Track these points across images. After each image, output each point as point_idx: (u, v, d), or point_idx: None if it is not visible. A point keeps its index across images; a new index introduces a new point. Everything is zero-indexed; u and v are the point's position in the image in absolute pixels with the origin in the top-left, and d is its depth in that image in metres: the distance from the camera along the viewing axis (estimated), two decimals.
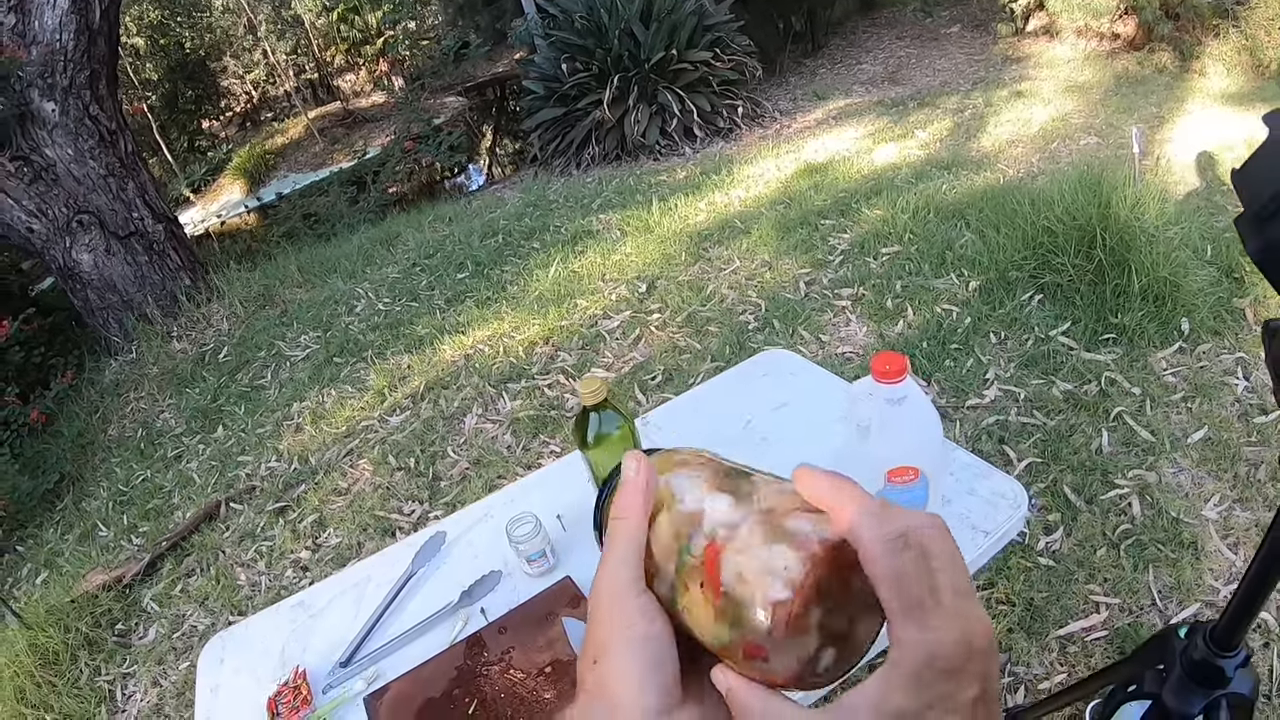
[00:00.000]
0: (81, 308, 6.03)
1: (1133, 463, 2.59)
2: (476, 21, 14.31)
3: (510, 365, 4.03)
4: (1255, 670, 0.81)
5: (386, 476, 3.45)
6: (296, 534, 3.29)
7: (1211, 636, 0.79)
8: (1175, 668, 0.80)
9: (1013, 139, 5.86)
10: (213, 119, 18.65)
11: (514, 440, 3.47)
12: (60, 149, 5.52)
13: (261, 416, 4.31)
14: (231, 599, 3.07)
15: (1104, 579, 2.24)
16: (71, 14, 5.34)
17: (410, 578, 1.49)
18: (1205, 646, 0.79)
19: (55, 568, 3.60)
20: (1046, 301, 3.46)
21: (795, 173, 5.88)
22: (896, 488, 1.10)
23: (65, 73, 5.42)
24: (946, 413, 2.99)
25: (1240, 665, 0.78)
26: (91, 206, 5.68)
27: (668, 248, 4.94)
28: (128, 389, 5.22)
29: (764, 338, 3.73)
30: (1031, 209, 3.71)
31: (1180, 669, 0.80)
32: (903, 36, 9.99)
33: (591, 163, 7.54)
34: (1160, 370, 2.97)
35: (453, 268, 5.53)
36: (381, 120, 15.05)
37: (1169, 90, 6.39)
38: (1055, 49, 7.99)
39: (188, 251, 6.37)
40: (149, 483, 4.08)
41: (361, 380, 4.32)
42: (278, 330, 5.29)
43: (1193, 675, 0.80)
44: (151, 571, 3.38)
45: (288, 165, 14.90)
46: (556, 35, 7.62)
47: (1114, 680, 0.93)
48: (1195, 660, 0.80)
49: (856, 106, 7.66)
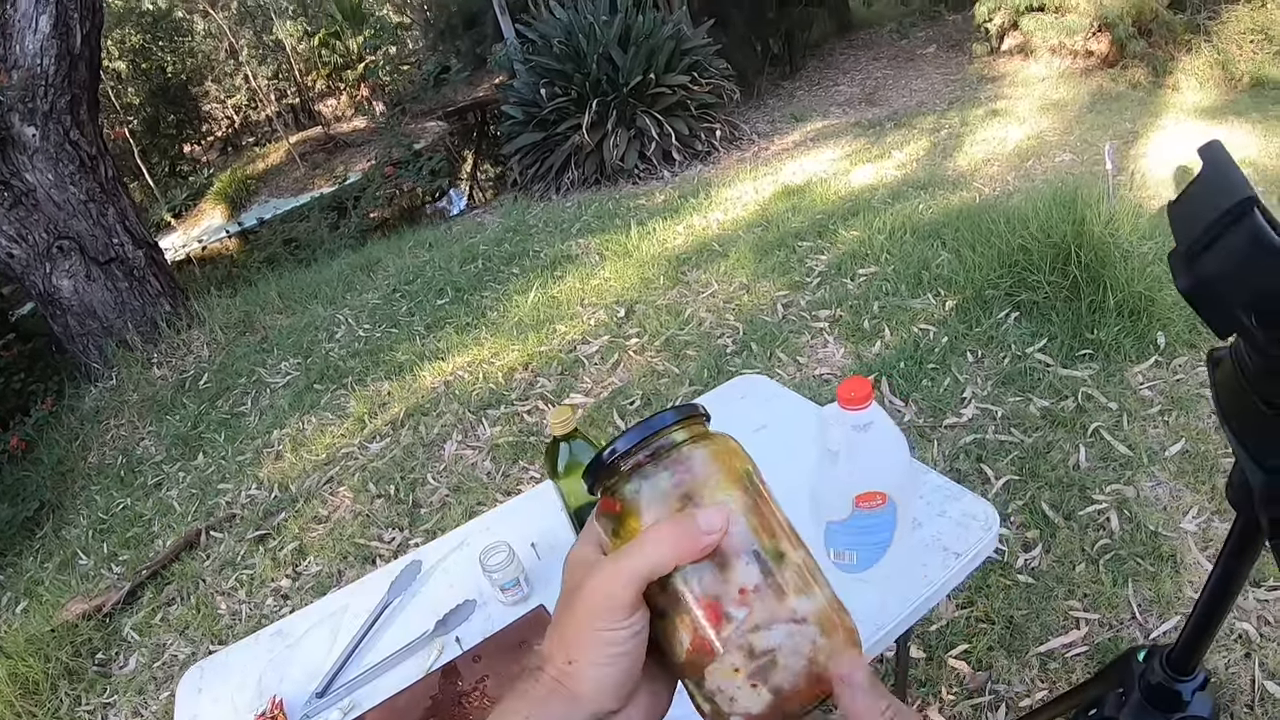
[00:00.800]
0: (61, 334, 5.99)
1: (1110, 477, 2.61)
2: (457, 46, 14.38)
3: (490, 391, 4.02)
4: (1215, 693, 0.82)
5: (367, 504, 3.44)
6: (277, 562, 3.27)
7: (1168, 660, 0.80)
8: (1134, 691, 0.81)
9: (988, 158, 5.92)
10: (194, 143, 18.61)
11: (494, 466, 3.47)
12: (41, 174, 5.50)
13: (242, 444, 4.29)
14: (212, 628, 3.04)
15: (1083, 594, 2.24)
16: (53, 39, 5.33)
17: (386, 607, 1.49)
18: (1162, 670, 0.80)
19: (35, 596, 3.56)
20: (1023, 319, 3.49)
21: (773, 195, 5.92)
22: (865, 513, 1.11)
23: (46, 97, 5.41)
24: (924, 432, 3.00)
25: (1198, 688, 0.79)
26: (72, 232, 5.65)
27: (646, 272, 4.96)
28: (108, 416, 5.18)
29: (742, 361, 3.75)
30: (1007, 227, 3.74)
31: (1138, 693, 0.81)
32: (879, 58, 10.10)
33: (571, 187, 7.57)
34: (1137, 384, 2.99)
35: (433, 294, 5.53)
36: (363, 145, 15.07)
37: (1143, 106, 6.48)
38: (1030, 67, 8.10)
39: (168, 277, 6.35)
40: (129, 510, 4.04)
41: (342, 407, 4.31)
42: (258, 357, 5.27)
43: (1150, 699, 0.80)
44: (132, 600, 3.35)
45: (269, 190, 14.88)
46: (535, 60, 7.67)
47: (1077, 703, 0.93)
48: (1152, 684, 0.80)
49: (834, 128, 7.73)
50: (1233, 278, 0.49)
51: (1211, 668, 1.95)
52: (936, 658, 2.13)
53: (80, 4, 5.47)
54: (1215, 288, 0.50)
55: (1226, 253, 0.49)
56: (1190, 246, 0.51)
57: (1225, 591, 0.72)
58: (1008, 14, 7.98)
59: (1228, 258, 0.49)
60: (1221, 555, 0.71)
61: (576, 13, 7.67)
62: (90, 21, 5.62)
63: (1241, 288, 0.49)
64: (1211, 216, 0.49)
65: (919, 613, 1.25)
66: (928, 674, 2.11)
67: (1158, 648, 0.82)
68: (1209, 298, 0.51)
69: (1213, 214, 0.49)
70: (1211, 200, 0.49)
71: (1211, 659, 1.97)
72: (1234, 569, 0.70)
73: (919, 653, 2.16)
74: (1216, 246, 0.49)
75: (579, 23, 7.49)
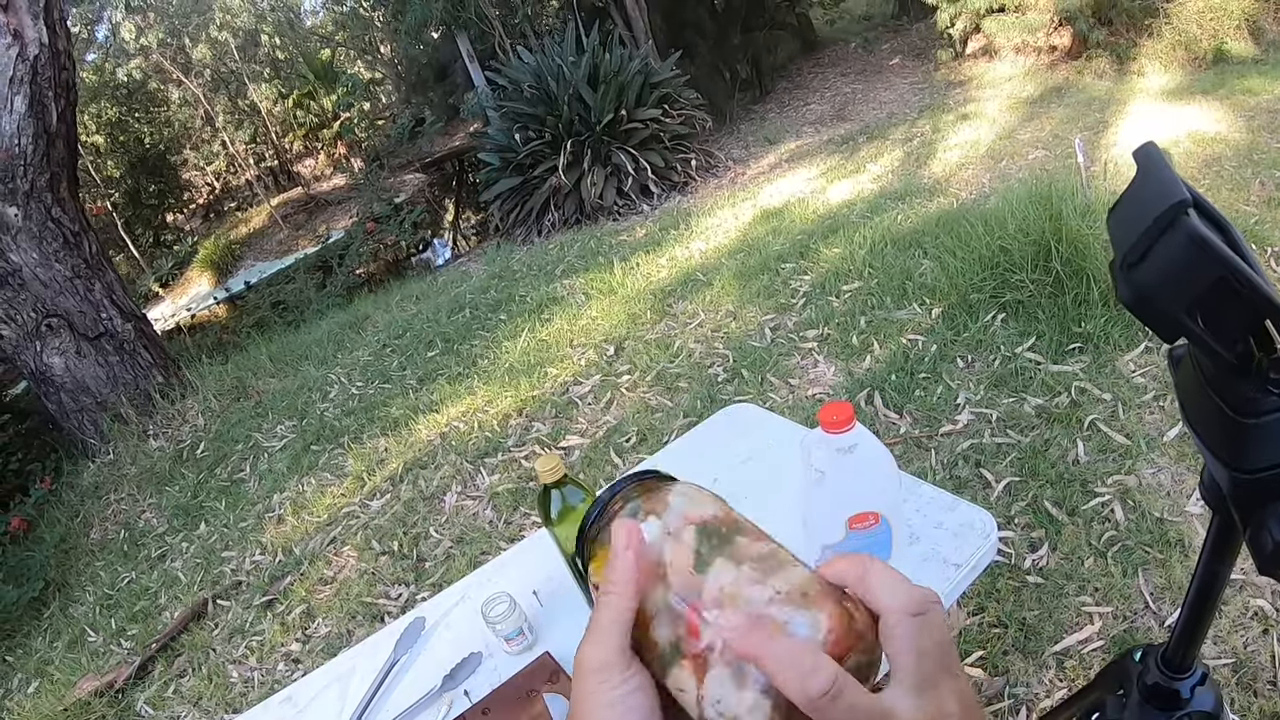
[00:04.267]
0: (56, 411, 5.98)
1: (1111, 468, 2.60)
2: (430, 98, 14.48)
3: (486, 440, 4.02)
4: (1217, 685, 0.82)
5: (371, 562, 3.43)
6: (286, 626, 3.25)
7: (1163, 659, 0.80)
8: (1133, 692, 0.81)
9: (962, 162, 5.96)
10: (176, 212, 18.72)
11: (495, 515, 3.46)
12: (25, 253, 5.51)
13: (243, 510, 4.28)
14: (225, 697, 3.02)
15: (1094, 589, 2.23)
16: (29, 118, 5.37)
17: (393, 666, 1.48)
18: (1158, 670, 0.80)
19: (46, 676, 3.53)
20: (1009, 319, 3.50)
21: (753, 219, 5.95)
22: (859, 534, 1.11)
23: (26, 177, 5.43)
24: (921, 442, 3.00)
25: (1197, 684, 0.79)
26: (60, 309, 5.66)
27: (633, 307, 4.98)
28: (107, 490, 5.17)
29: (734, 389, 3.75)
30: (985, 230, 3.76)
31: (1138, 693, 0.81)
32: (846, 73, 10.19)
33: (552, 229, 7.61)
34: (1129, 373, 2.99)
35: (422, 346, 5.54)
36: (343, 202, 15.14)
37: (1110, 94, 6.54)
38: (996, 68, 8.18)
39: (158, 348, 6.35)
40: (135, 584, 4.02)
41: (340, 466, 4.30)
42: (253, 422, 5.27)
43: (1150, 699, 0.80)
44: (143, 674, 3.32)
45: (253, 254, 14.94)
46: (507, 106, 7.73)
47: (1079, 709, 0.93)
48: (1149, 685, 0.80)
49: (808, 147, 7.79)
50: (1173, 283, 0.50)
51: (1230, 647, 1.95)
52: None
53: (54, 82, 5.50)
54: (1156, 295, 0.51)
55: (1165, 259, 0.49)
56: (1126, 256, 0.51)
57: (1211, 588, 0.72)
58: (969, 18, 8.06)
59: (1167, 264, 0.49)
60: (1203, 553, 0.71)
61: (544, 55, 7.75)
62: (65, 98, 5.66)
63: (1183, 292, 0.50)
64: (1146, 223, 0.49)
65: None
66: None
67: (1152, 647, 0.82)
68: (1152, 306, 0.51)
69: (1147, 220, 0.49)
70: (1146, 206, 0.50)
71: (1230, 638, 1.97)
72: (1216, 566, 0.70)
73: None
74: (1153, 253, 0.50)
75: (547, 65, 7.57)
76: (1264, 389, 0.51)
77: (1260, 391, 0.52)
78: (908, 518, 1.36)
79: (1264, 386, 0.51)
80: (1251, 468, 0.55)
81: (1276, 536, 0.53)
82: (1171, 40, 6.80)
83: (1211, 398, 0.56)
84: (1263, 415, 0.53)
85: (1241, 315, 0.50)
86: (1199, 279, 0.48)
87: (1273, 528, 0.53)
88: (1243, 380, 0.53)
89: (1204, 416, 0.58)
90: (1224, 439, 0.56)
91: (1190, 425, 0.60)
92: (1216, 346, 0.51)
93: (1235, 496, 0.57)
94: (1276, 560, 0.54)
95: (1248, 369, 0.52)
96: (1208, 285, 0.48)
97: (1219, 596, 0.72)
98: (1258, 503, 0.55)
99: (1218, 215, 0.52)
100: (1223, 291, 0.48)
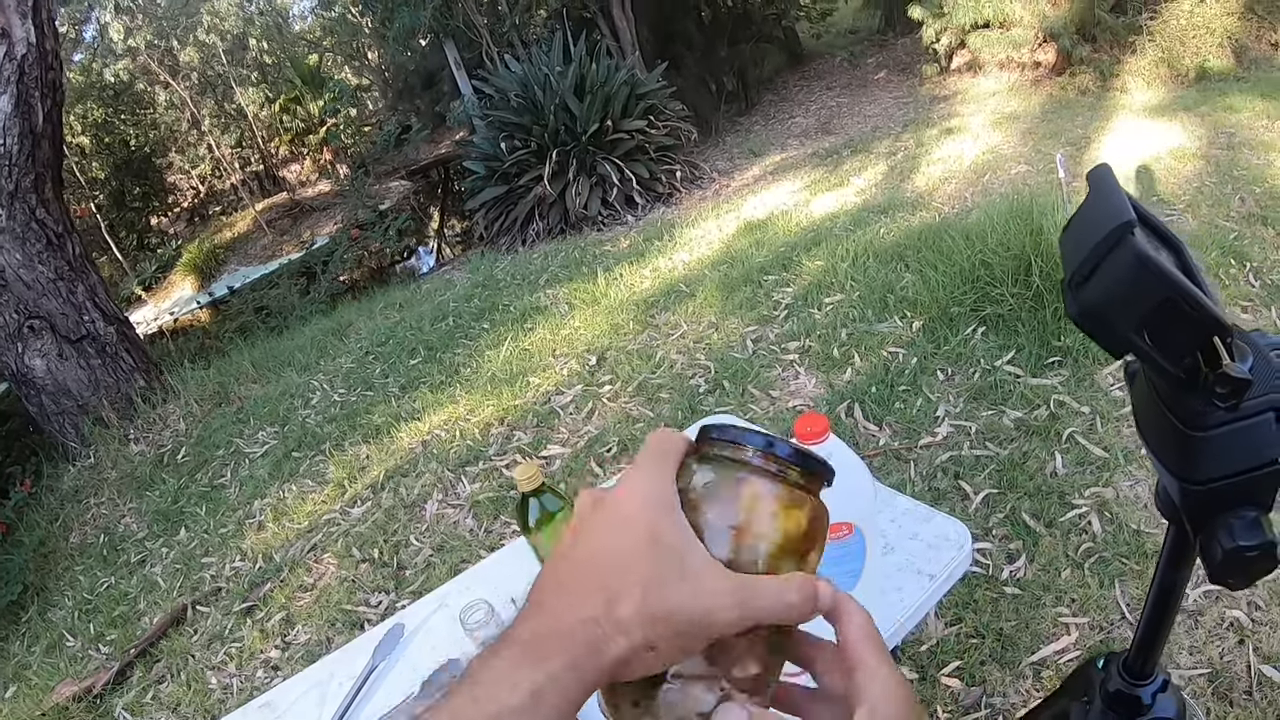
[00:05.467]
0: (36, 414, 5.94)
1: (1089, 481, 2.62)
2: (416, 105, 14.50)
3: (468, 448, 4.02)
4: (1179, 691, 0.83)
5: (352, 569, 3.42)
6: (265, 633, 3.24)
7: (1124, 666, 0.82)
8: (1096, 699, 0.83)
9: (945, 176, 6.01)
10: (161, 215, 18.62)
11: (476, 523, 3.46)
12: (8, 254, 5.47)
13: (223, 516, 4.26)
14: (204, 703, 3.00)
15: (1071, 599, 2.25)
16: (14, 118, 5.33)
17: (371, 672, 1.49)
18: (1120, 677, 0.81)
19: (24, 680, 3.51)
20: (989, 333, 3.53)
21: (736, 231, 5.98)
22: (833, 545, 1.12)
23: (10, 177, 5.40)
24: (900, 454, 3.02)
25: (1159, 690, 0.80)
26: (42, 311, 5.63)
27: (615, 318, 4.99)
28: (88, 495, 5.14)
29: (715, 400, 3.76)
30: (967, 244, 3.79)
31: (1100, 701, 0.82)
32: (832, 87, 10.25)
33: (537, 238, 7.62)
34: (1107, 386, 3.02)
35: (405, 354, 5.54)
36: (328, 208, 15.11)
37: (1093, 110, 6.60)
38: (980, 83, 8.25)
39: (141, 352, 6.32)
40: (114, 589, 4.00)
41: (321, 473, 4.29)
42: (235, 428, 5.25)
43: (1111, 706, 0.81)
44: (122, 680, 3.30)
45: (237, 259, 14.88)
46: (494, 114, 7.75)
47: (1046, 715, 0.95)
48: (1111, 692, 0.82)
49: (792, 160, 7.83)
50: (1120, 301, 0.51)
51: (1206, 658, 1.97)
52: (929, 677, 2.14)
53: (41, 81, 5.47)
54: (1104, 312, 0.53)
55: (1111, 278, 0.51)
56: (1074, 274, 0.53)
57: (1169, 595, 0.74)
58: (954, 33, 8.13)
59: (1114, 283, 0.51)
60: (1160, 562, 0.73)
61: (531, 65, 7.77)
62: (51, 99, 5.63)
63: (1130, 309, 0.51)
64: (1093, 242, 0.51)
65: (897, 636, 1.26)
66: (921, 694, 2.11)
67: (1114, 655, 0.84)
68: (1099, 322, 0.53)
69: (1094, 240, 0.51)
70: (1094, 226, 0.52)
71: (1206, 649, 1.99)
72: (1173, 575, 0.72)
73: (911, 674, 2.16)
74: (1100, 272, 0.52)
75: (534, 75, 7.59)
76: (1211, 403, 0.53)
77: (1208, 405, 0.54)
78: (883, 529, 1.38)
79: (1211, 401, 0.53)
80: (1201, 479, 0.56)
81: (1225, 545, 0.55)
82: (1154, 57, 6.88)
83: (1163, 412, 0.57)
84: (1210, 429, 0.55)
85: (1188, 333, 0.52)
86: (1145, 298, 0.50)
87: (1222, 537, 0.55)
88: (1191, 395, 0.55)
89: (1156, 430, 0.60)
90: (1175, 451, 0.58)
91: (1143, 438, 0.62)
92: (1164, 363, 0.53)
93: (1186, 507, 0.59)
94: (1226, 569, 0.56)
95: (1195, 384, 0.54)
96: (1154, 305, 0.50)
97: (1177, 604, 0.74)
98: (1208, 513, 0.57)
99: (1169, 234, 0.54)
100: (1168, 309, 0.50)
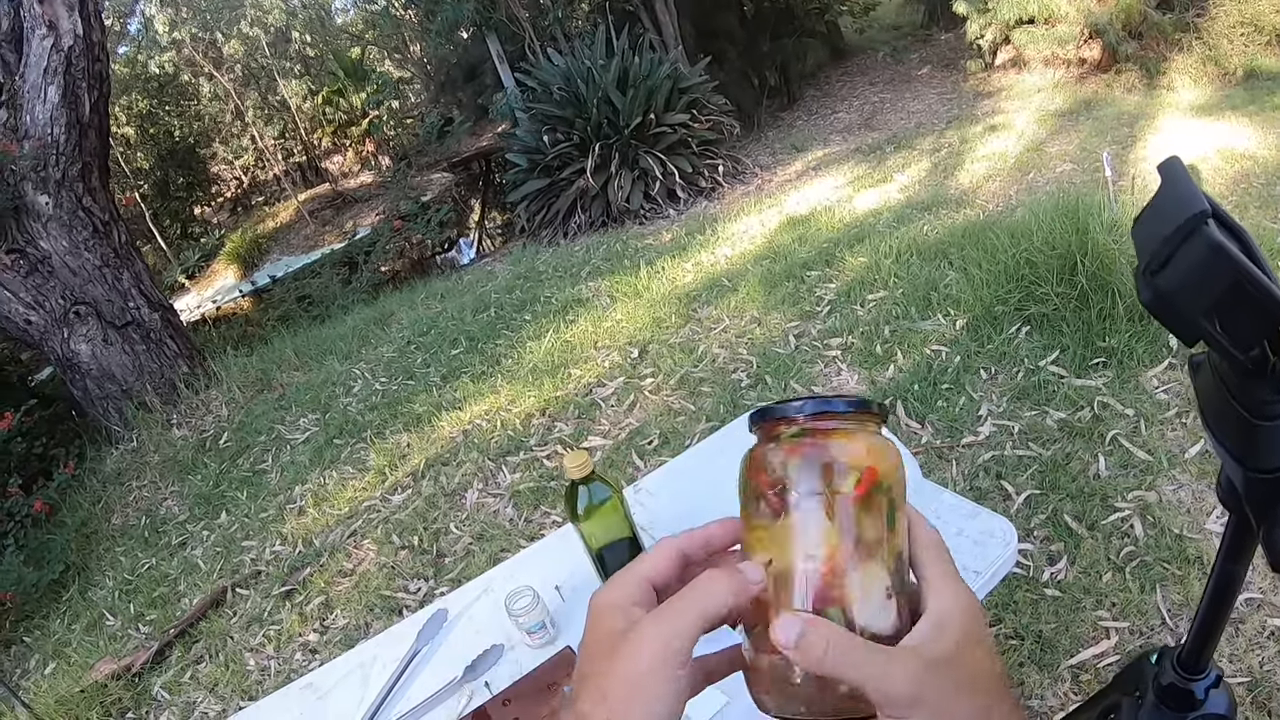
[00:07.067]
0: (81, 398, 6.07)
1: (1131, 484, 2.59)
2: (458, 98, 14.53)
3: (508, 438, 4.04)
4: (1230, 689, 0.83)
5: (391, 555, 3.46)
6: (304, 617, 3.29)
7: (1179, 661, 0.81)
8: (1149, 694, 0.83)
9: (990, 173, 5.95)
10: (204, 205, 18.89)
11: (515, 513, 3.48)
12: (55, 241, 5.60)
13: (264, 501, 4.32)
14: (241, 684, 3.05)
15: (1111, 603, 2.23)
16: (62, 108, 5.46)
17: (415, 656, 1.50)
18: (1174, 671, 0.81)
19: (64, 658, 3.59)
20: (1034, 332, 3.49)
21: (779, 226, 5.96)
22: None
23: (58, 166, 5.52)
24: (942, 453, 3.00)
25: (1211, 686, 0.80)
26: (88, 297, 5.75)
27: (658, 311, 4.99)
28: (130, 477, 5.24)
29: (757, 394, 3.75)
30: (1011, 242, 3.75)
31: (1153, 695, 0.82)
32: (875, 82, 10.17)
33: (578, 231, 7.63)
34: (1152, 389, 2.98)
35: (447, 344, 5.58)
36: (370, 200, 15.22)
37: (1139, 108, 6.50)
38: (1025, 79, 8.15)
39: (184, 339, 6.43)
40: (154, 571, 4.08)
41: (362, 460, 4.34)
42: (276, 414, 5.32)
43: (1164, 701, 0.81)
44: (160, 659, 3.37)
45: (280, 248, 15.05)
46: (536, 107, 7.77)
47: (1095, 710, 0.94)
48: (1165, 686, 0.82)
49: (835, 155, 7.78)
50: (1193, 288, 0.52)
51: (1245, 666, 1.94)
52: None
53: (88, 73, 5.60)
54: (1176, 299, 0.53)
55: (1186, 265, 0.51)
56: (1149, 263, 0.53)
57: (1227, 588, 0.74)
58: (999, 29, 8.03)
59: (1188, 270, 0.51)
60: (1219, 554, 0.73)
61: (574, 58, 7.79)
62: (98, 90, 5.75)
63: (1202, 296, 0.52)
64: (1168, 232, 0.51)
65: None
66: None
67: (1169, 649, 0.83)
68: (1171, 309, 0.53)
69: (1169, 229, 0.51)
70: (1168, 216, 0.52)
71: (1245, 658, 1.96)
72: (1232, 567, 0.72)
73: None
74: (1175, 260, 0.52)
75: (577, 68, 7.60)
76: (1277, 392, 0.53)
77: (1275, 394, 0.54)
78: None
79: (1277, 390, 0.53)
80: (1266, 468, 0.56)
81: None
82: (1202, 55, 6.76)
83: (1229, 401, 0.57)
84: (1276, 418, 0.55)
85: (1257, 321, 0.52)
86: (1216, 283, 0.50)
87: None
88: (1258, 384, 0.55)
89: (1221, 419, 0.60)
90: (1240, 440, 0.58)
91: (1208, 427, 0.62)
92: (1233, 350, 0.53)
93: (1250, 496, 0.59)
94: None
95: (1263, 373, 0.54)
96: (1224, 289, 0.50)
97: (1234, 597, 0.73)
98: (1272, 502, 0.57)
99: (1236, 226, 0.54)
100: (1239, 297, 0.51)
